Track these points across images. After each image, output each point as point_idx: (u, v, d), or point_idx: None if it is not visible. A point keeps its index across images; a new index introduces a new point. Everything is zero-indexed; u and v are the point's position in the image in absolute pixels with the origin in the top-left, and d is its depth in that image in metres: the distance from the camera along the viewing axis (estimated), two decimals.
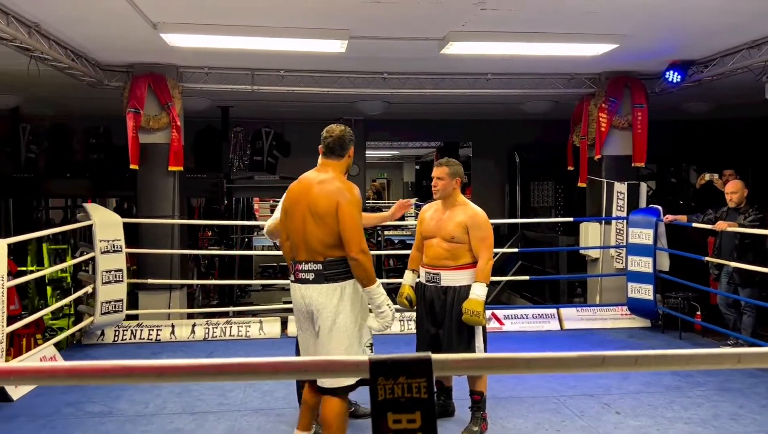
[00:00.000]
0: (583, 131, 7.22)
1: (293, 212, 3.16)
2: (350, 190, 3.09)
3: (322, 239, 3.05)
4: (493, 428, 3.88)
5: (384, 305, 3.11)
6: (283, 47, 5.71)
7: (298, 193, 3.18)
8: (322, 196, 3.07)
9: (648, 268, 6.30)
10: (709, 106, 8.99)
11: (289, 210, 3.19)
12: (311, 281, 3.09)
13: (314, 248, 3.07)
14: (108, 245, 5.69)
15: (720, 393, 4.50)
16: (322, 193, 3.07)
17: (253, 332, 6.21)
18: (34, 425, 3.95)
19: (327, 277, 3.06)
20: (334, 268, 3.06)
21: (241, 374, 1.09)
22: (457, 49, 5.75)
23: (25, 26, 4.85)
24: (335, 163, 3.19)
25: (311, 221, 3.07)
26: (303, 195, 3.14)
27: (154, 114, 6.47)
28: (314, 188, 3.11)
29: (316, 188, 3.11)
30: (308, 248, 3.09)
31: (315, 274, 3.08)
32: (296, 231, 3.14)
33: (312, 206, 3.07)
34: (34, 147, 9.65)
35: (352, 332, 3.10)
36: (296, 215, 3.13)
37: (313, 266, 3.08)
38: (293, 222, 3.15)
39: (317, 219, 3.05)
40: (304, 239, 3.10)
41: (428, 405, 1.15)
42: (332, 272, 3.06)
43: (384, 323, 3.15)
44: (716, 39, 5.78)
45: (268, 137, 10.39)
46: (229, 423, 3.99)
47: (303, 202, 3.11)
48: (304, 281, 3.11)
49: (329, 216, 3.03)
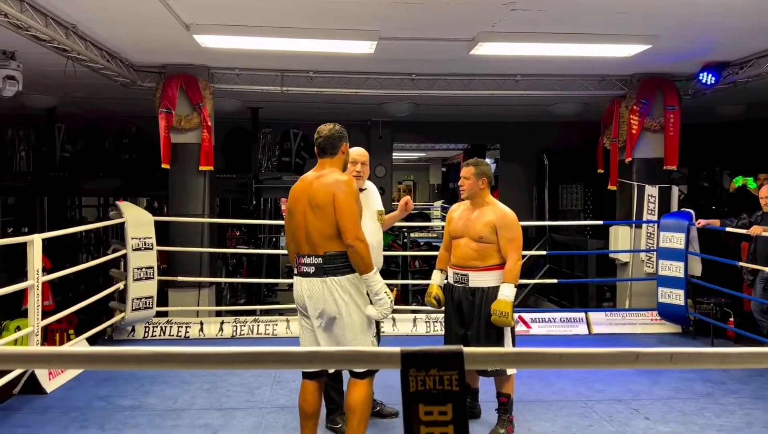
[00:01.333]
0: (614, 133, 7.13)
1: (295, 210, 3.25)
2: (346, 182, 3.18)
3: (322, 231, 3.13)
4: (519, 431, 3.85)
5: (382, 292, 3.16)
6: (312, 48, 5.75)
7: (299, 191, 3.29)
8: (320, 188, 3.17)
9: (679, 273, 6.20)
10: (743, 108, 8.81)
11: (292, 209, 3.29)
12: (312, 274, 3.16)
13: (315, 241, 3.15)
14: (139, 243, 5.79)
15: (754, 401, 4.40)
16: (321, 186, 3.18)
17: (280, 330, 6.25)
18: (67, 418, 4.04)
19: (327, 271, 3.13)
20: (334, 262, 3.13)
21: (276, 363, 1.11)
22: (486, 50, 5.73)
23: (62, 27, 4.97)
24: (330, 160, 3.28)
25: (311, 214, 3.16)
26: (303, 192, 3.24)
27: (185, 114, 6.57)
28: (313, 183, 3.22)
29: (315, 183, 3.21)
30: (309, 242, 3.17)
31: (315, 267, 3.15)
32: (298, 227, 3.22)
33: (311, 199, 3.17)
34: (69, 147, 9.88)
35: (359, 325, 3.16)
36: (298, 212, 3.23)
37: (314, 259, 3.15)
38: (295, 219, 3.25)
39: (316, 211, 3.14)
40: (305, 233, 3.19)
41: (460, 397, 1.15)
42: (332, 266, 3.13)
43: (383, 311, 3.19)
44: (752, 39, 5.67)
45: (296, 138, 10.48)
46: (257, 420, 4.03)
47: (303, 197, 3.22)
48: (305, 274, 3.19)
49: (328, 207, 3.11)
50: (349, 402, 3.19)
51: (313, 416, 3.31)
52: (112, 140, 10.19)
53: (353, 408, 3.16)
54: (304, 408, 3.31)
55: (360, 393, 3.16)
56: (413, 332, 6.32)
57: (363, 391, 3.16)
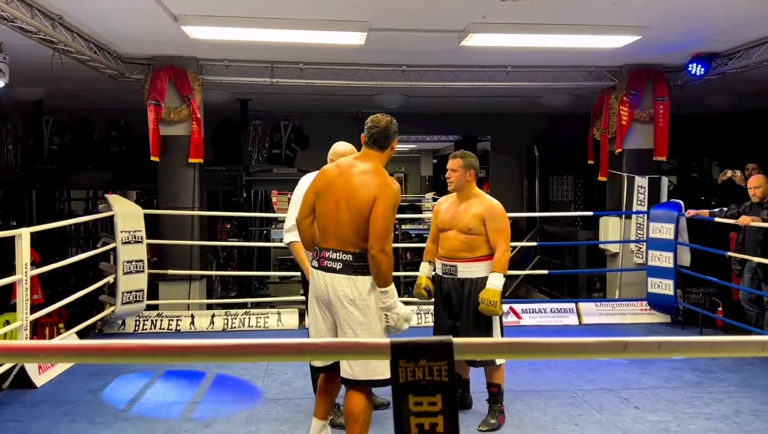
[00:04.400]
0: (604, 124, 7.15)
1: (327, 195, 3.05)
2: (392, 186, 3.00)
3: (356, 230, 2.97)
4: (510, 421, 3.87)
5: (396, 305, 3.02)
6: (302, 39, 5.72)
7: (335, 178, 3.07)
8: (363, 187, 2.98)
9: (669, 263, 6.24)
10: (732, 99, 8.85)
11: (323, 193, 3.07)
12: (338, 270, 3.00)
13: (346, 238, 3.00)
14: (129, 236, 5.76)
15: (742, 389, 4.45)
16: (364, 184, 2.99)
17: (272, 323, 6.25)
18: (57, 412, 4.02)
19: (356, 269, 2.98)
20: (364, 261, 2.98)
21: (266, 355, 1.11)
22: (477, 41, 5.72)
23: (49, 19, 4.91)
24: (377, 154, 3.09)
25: (346, 210, 2.99)
26: (341, 181, 3.03)
27: (174, 106, 6.53)
28: (354, 178, 3.01)
29: (357, 178, 3.01)
30: (339, 237, 3.01)
31: (343, 264, 2.99)
32: (327, 216, 3.05)
33: (350, 195, 2.99)
34: (57, 139, 9.79)
35: (378, 325, 3.03)
36: (330, 200, 3.04)
37: (343, 256, 3.00)
38: (325, 206, 3.06)
39: (353, 210, 2.97)
40: (335, 227, 3.02)
41: (449, 388, 1.15)
42: (361, 265, 2.98)
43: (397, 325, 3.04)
44: (741, 31, 5.69)
45: (286, 130, 10.43)
46: (248, 412, 4.03)
47: (340, 188, 3.02)
48: (329, 269, 3.02)
49: (367, 207, 2.94)
50: (349, 410, 3.05)
51: (330, 397, 3.24)
52: (101, 132, 10.11)
53: (354, 416, 3.02)
54: (322, 386, 3.23)
55: (359, 401, 3.02)
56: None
57: (362, 399, 3.02)
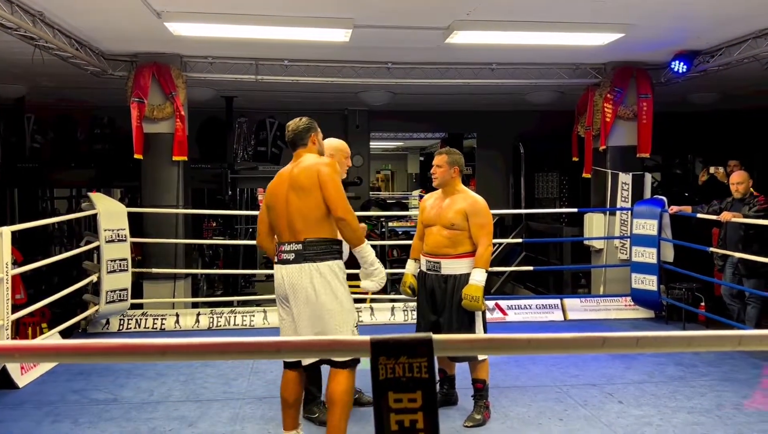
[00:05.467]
0: (588, 121, 7.20)
1: (275, 200, 3.23)
2: (327, 162, 3.18)
3: (306, 214, 3.11)
4: (496, 416, 3.89)
5: (376, 262, 3.18)
6: (286, 36, 5.70)
7: (277, 183, 3.27)
8: (302, 171, 3.16)
9: (652, 259, 6.29)
10: (715, 96, 8.94)
11: (271, 202, 3.27)
12: (291, 261, 3.13)
13: (296, 228, 3.13)
14: (112, 235, 5.71)
15: (724, 383, 4.50)
16: (302, 169, 3.17)
17: (258, 321, 6.23)
18: (40, 412, 3.98)
19: (306, 257, 3.10)
20: (313, 248, 3.10)
21: (244, 353, 1.10)
22: (461, 38, 5.73)
23: (29, 15, 4.85)
24: (304, 150, 3.28)
25: (294, 197, 3.14)
26: (283, 181, 3.22)
27: (158, 104, 6.48)
28: (294, 170, 3.21)
29: (296, 170, 3.20)
30: (291, 228, 3.15)
31: (295, 254, 3.12)
32: (279, 216, 3.20)
33: (294, 183, 3.15)
34: (39, 137, 9.67)
35: (339, 313, 3.11)
36: (278, 202, 3.21)
37: (294, 246, 3.13)
38: (275, 210, 3.23)
39: (300, 193, 3.12)
40: (287, 221, 3.17)
41: (429, 384, 1.15)
42: (311, 253, 3.10)
43: (378, 281, 3.19)
44: (723, 29, 5.74)
45: (272, 128, 10.39)
46: (234, 411, 4.02)
47: (284, 186, 3.20)
48: (285, 261, 3.16)
49: (313, 187, 3.10)
50: (330, 393, 3.11)
51: (294, 404, 3.29)
52: (84, 130, 10.00)
53: (334, 399, 3.09)
54: (285, 397, 3.28)
55: (341, 384, 3.08)
56: (391, 320, 6.35)
57: (344, 382, 3.08)
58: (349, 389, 3.12)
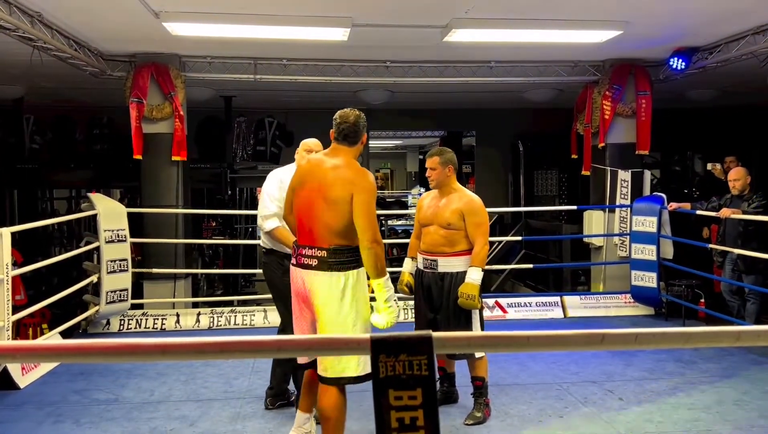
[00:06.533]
0: (587, 118, 7.20)
1: (301, 192, 3.08)
2: (367, 178, 2.99)
3: (332, 226, 2.96)
4: (496, 414, 3.90)
5: (392, 299, 3.02)
6: (285, 35, 5.69)
7: (308, 173, 3.09)
8: (337, 181, 2.96)
9: (651, 256, 6.30)
10: (713, 93, 8.94)
11: (297, 189, 3.10)
12: (314, 267, 2.99)
13: (320, 234, 2.99)
14: (112, 235, 5.72)
15: (724, 380, 4.51)
16: (338, 179, 2.97)
17: (258, 321, 6.24)
18: (41, 413, 3.99)
19: (331, 265, 2.96)
20: (338, 256, 2.97)
21: (245, 352, 1.11)
22: (460, 36, 5.72)
23: (27, 16, 4.85)
24: (347, 149, 3.07)
25: (322, 206, 2.98)
26: (314, 177, 3.04)
27: (157, 104, 6.47)
28: (328, 173, 3.00)
29: (331, 174, 2.99)
30: (313, 233, 3.01)
31: (318, 260, 2.98)
32: (302, 212, 3.07)
33: (325, 191, 2.97)
34: (38, 138, 9.66)
35: (352, 323, 3.01)
36: (303, 196, 3.06)
37: (318, 252, 2.98)
38: (299, 202, 3.09)
39: (330, 204, 2.96)
40: (309, 223, 3.02)
41: (429, 382, 1.16)
42: (336, 261, 2.96)
43: (390, 320, 3.04)
44: (721, 25, 5.74)
45: (271, 127, 10.38)
46: (234, 410, 4.02)
47: (314, 184, 3.02)
48: (306, 266, 3.02)
49: (344, 203, 2.93)
50: (321, 408, 3.04)
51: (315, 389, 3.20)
52: (83, 130, 9.99)
53: (326, 414, 3.01)
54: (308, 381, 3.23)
55: (331, 399, 3.00)
56: None
57: (334, 397, 3.00)
58: (341, 404, 3.02)
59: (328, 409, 3.01)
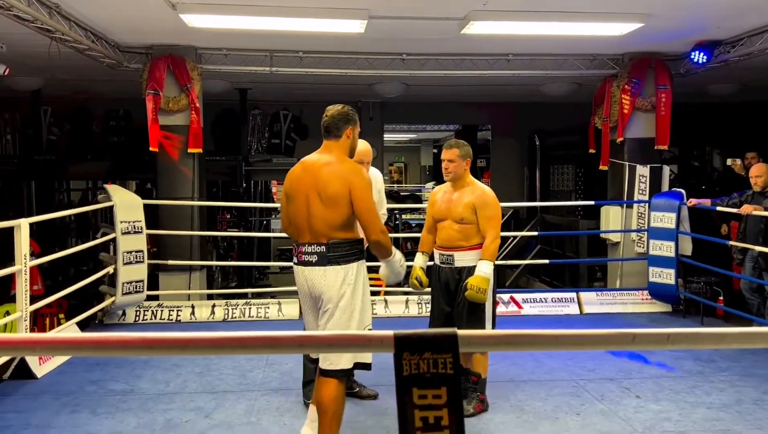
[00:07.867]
0: (606, 112, 7.11)
1: (296, 195, 3.10)
2: (360, 173, 3.07)
3: (330, 221, 3.00)
4: (512, 410, 3.87)
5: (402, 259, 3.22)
6: (301, 28, 5.67)
7: (300, 175, 3.12)
8: (333, 178, 3.01)
9: (670, 252, 6.22)
10: (734, 87, 8.80)
11: (291, 193, 3.14)
12: (314, 263, 3.03)
13: (318, 230, 3.03)
14: (129, 226, 5.74)
15: (743, 379, 4.44)
16: (333, 175, 3.01)
17: (272, 313, 6.25)
18: (58, 403, 4.01)
19: (330, 259, 3.01)
20: (338, 250, 3.01)
21: (267, 348, 1.09)
22: (477, 29, 5.67)
23: (45, 7, 4.86)
24: (335, 144, 3.13)
25: (318, 204, 3.01)
26: (307, 177, 3.08)
27: (173, 96, 6.48)
28: (322, 171, 3.05)
29: (324, 170, 3.04)
30: (312, 231, 3.05)
31: (318, 256, 3.02)
32: (298, 213, 3.10)
33: (321, 189, 3.01)
34: (56, 129, 9.75)
35: (355, 315, 3.04)
36: (299, 198, 3.09)
37: (317, 248, 3.02)
38: (294, 205, 3.12)
39: (327, 201, 3.00)
40: (307, 222, 3.06)
41: (454, 380, 1.13)
42: (336, 255, 3.01)
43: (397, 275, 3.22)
44: (744, 18, 5.64)
45: (286, 120, 10.39)
46: (249, 403, 4.03)
47: (308, 184, 3.06)
48: (306, 263, 3.05)
49: (342, 198, 2.97)
50: (319, 400, 3.05)
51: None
52: (100, 122, 10.06)
53: (324, 406, 3.02)
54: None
55: (329, 391, 3.01)
56: (405, 313, 6.33)
57: (333, 390, 3.01)
58: (339, 397, 3.03)
59: (326, 401, 3.03)
